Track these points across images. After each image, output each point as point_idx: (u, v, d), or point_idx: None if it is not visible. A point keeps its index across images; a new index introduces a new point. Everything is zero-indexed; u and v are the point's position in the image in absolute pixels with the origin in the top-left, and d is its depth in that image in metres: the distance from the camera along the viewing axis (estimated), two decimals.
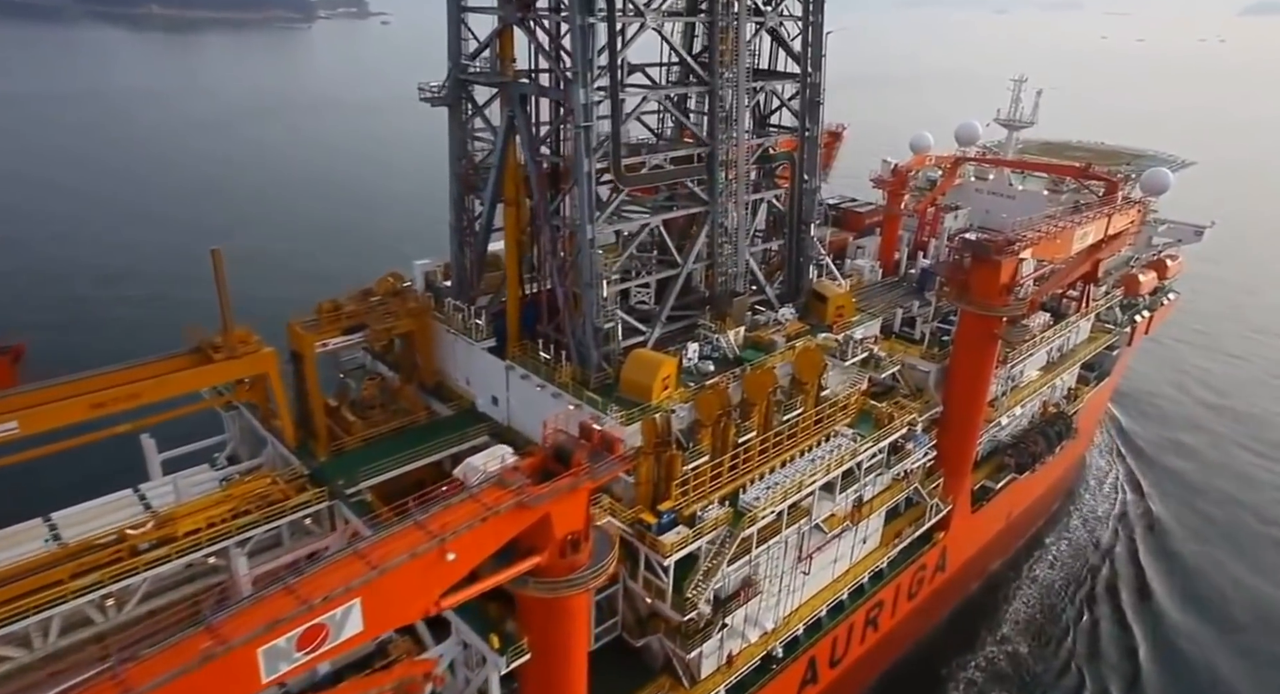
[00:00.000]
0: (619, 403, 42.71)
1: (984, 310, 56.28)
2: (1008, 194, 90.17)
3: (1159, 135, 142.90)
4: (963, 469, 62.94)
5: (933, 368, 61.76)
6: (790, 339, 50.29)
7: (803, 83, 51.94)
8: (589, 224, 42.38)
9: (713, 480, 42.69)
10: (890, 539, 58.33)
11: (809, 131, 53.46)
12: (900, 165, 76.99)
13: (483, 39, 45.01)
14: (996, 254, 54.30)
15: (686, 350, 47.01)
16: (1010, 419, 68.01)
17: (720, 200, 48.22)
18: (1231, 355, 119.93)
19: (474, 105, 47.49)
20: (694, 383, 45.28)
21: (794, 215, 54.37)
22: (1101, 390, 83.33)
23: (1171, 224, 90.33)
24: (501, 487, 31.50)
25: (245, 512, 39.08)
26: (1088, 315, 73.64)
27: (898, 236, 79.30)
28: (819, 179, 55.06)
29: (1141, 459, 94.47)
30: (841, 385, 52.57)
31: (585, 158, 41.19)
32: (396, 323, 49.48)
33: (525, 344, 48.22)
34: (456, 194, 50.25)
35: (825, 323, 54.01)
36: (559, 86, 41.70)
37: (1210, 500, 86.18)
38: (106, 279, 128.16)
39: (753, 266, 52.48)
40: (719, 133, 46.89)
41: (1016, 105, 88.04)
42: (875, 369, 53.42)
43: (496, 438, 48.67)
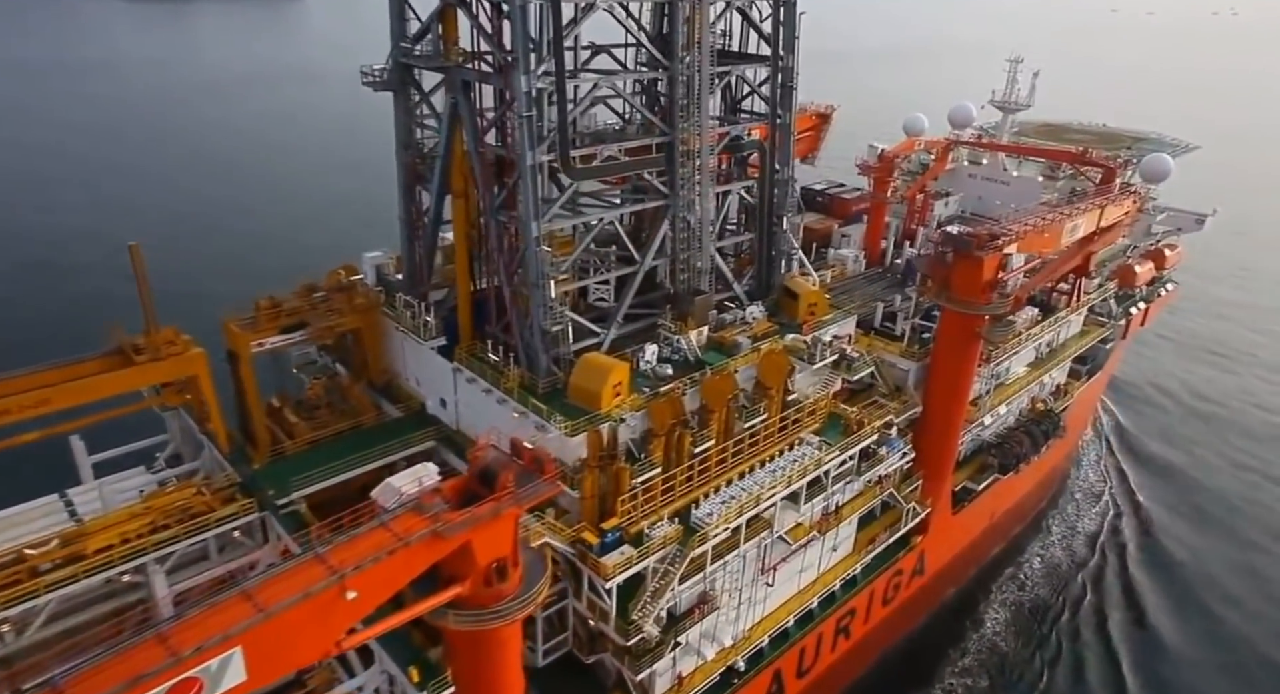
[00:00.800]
0: (567, 411, 40.21)
1: (965, 308, 53.55)
2: (1002, 180, 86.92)
3: (1162, 104, 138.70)
4: (943, 471, 60.50)
5: (912, 367, 59.17)
6: (756, 340, 47.60)
7: (773, 66, 48.80)
8: (534, 220, 39.65)
9: (664, 495, 40.31)
10: (864, 545, 56.04)
11: (781, 118, 50.35)
12: (887, 150, 73.69)
13: (425, 19, 41.94)
14: (979, 249, 51.43)
15: (644, 352, 44.41)
16: (995, 418, 65.44)
17: (682, 193, 45.36)
18: (1233, 348, 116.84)
19: (419, 91, 44.57)
20: (650, 388, 42.70)
21: (765, 207, 51.45)
22: (1093, 384, 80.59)
23: (1171, 212, 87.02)
24: (418, 513, 29.14)
25: (165, 526, 36.81)
26: (1079, 309, 70.73)
27: (885, 224, 76.44)
28: (792, 169, 52.03)
29: (1133, 454, 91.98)
30: (813, 387, 50.10)
31: (530, 149, 38.36)
32: (340, 320, 46.98)
33: (476, 344, 45.72)
34: (404, 184, 47.51)
35: (796, 321, 51.27)
36: (501, 73, 38.76)
37: (1209, 497, 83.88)
38: (31, 268, 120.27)
39: (719, 263, 49.72)
40: (679, 121, 43.92)
41: (1012, 87, 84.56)
42: (848, 371, 50.81)
43: (445, 442, 46.48)
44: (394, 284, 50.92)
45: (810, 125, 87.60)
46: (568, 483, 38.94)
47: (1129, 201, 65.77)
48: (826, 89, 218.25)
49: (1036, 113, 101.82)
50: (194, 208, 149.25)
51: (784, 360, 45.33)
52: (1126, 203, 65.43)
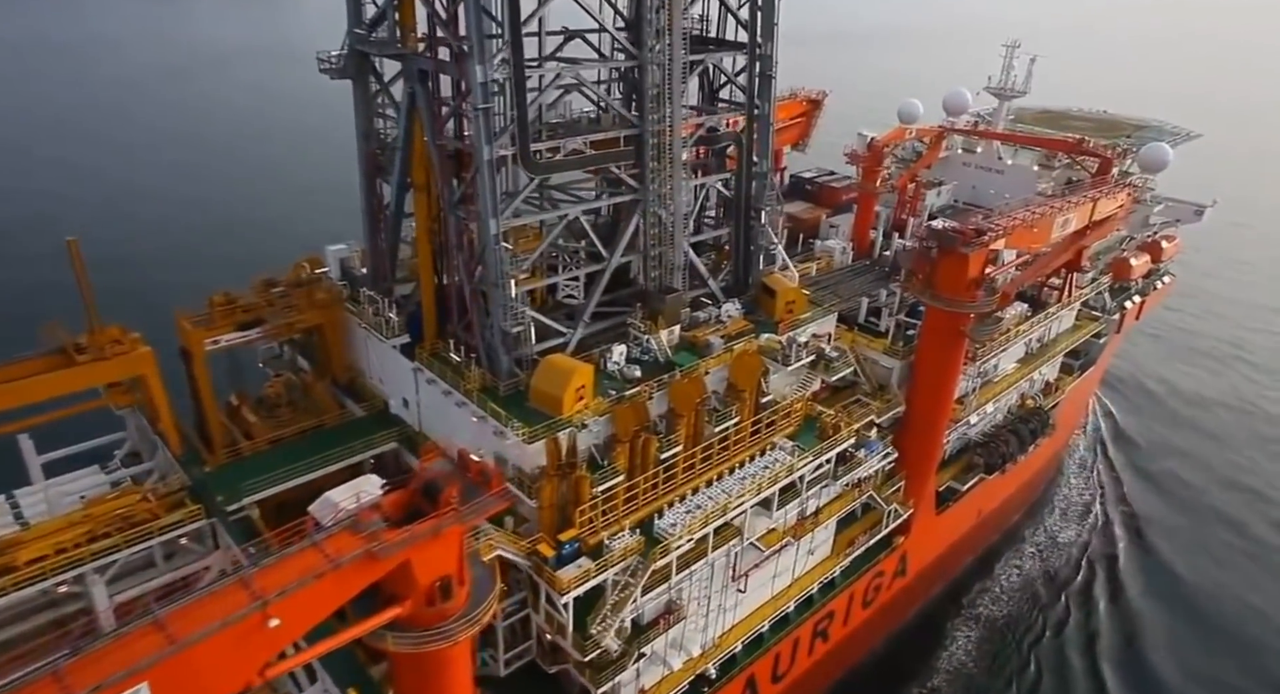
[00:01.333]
0: (528, 415, 38.67)
1: (950, 306, 51.90)
2: (996, 169, 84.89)
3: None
4: (926, 471, 59.07)
5: (896, 365, 57.60)
6: (730, 340, 45.97)
7: (750, 54, 46.81)
8: (493, 217, 37.92)
9: (626, 504, 38.88)
10: (843, 547, 54.76)
11: (759, 109, 48.41)
12: (877, 139, 71.62)
13: (382, 4, 39.99)
14: (964, 245, 49.67)
15: (611, 353, 42.80)
16: (981, 417, 63.91)
17: (653, 187, 43.57)
18: (1229, 343, 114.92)
19: (378, 79, 42.69)
20: (617, 390, 41.13)
21: (741, 202, 49.62)
22: (1086, 380, 78.90)
23: (1169, 202, 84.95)
24: (353, 531, 27.72)
25: (105, 535, 35.40)
26: (1071, 305, 68.96)
27: (874, 214, 74.49)
28: (770, 161, 50.11)
29: (1126, 448, 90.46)
30: (791, 387, 48.52)
31: (487, 143, 36.57)
32: (299, 317, 45.40)
33: (439, 343, 44.14)
34: (365, 175, 45.74)
35: (774, 319, 49.59)
36: (457, 62, 36.87)
37: (1203, 495, 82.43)
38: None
39: (693, 259, 47.95)
40: (649, 112, 42.03)
41: (1009, 73, 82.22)
42: (826, 371, 49.21)
43: (406, 444, 45.03)
44: (359, 278, 49.26)
45: (801, 111, 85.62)
46: (526, 491, 37.55)
47: (1123, 194, 63.85)
48: (826, 72, 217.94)
49: (1040, 97, 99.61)
50: (156, 195, 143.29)
51: (756, 362, 43.71)
52: (1120, 196, 63.54)
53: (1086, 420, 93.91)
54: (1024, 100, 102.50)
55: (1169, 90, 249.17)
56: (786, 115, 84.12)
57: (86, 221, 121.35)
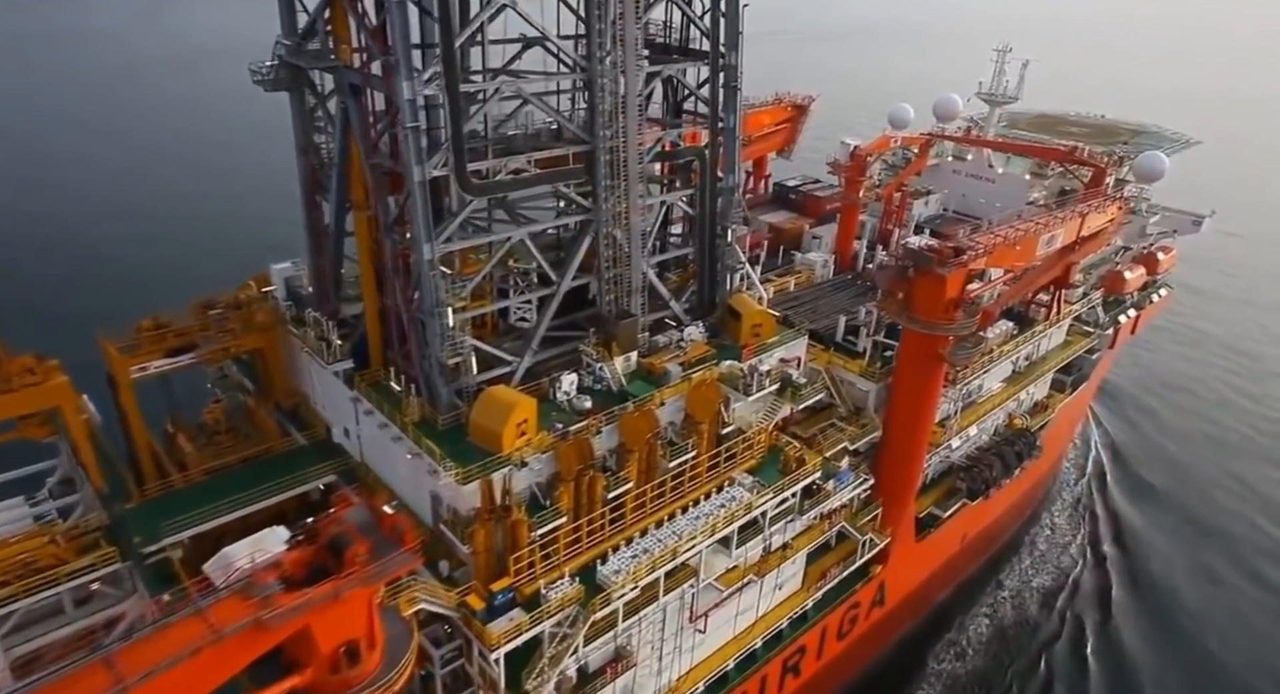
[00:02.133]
0: (465, 452, 36.25)
1: (927, 328, 49.33)
2: (987, 177, 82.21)
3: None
4: (905, 498, 56.54)
5: (873, 387, 55.07)
6: (689, 367, 43.48)
7: (713, 65, 44.26)
8: (427, 242, 35.49)
9: (568, 548, 36.48)
10: (815, 580, 52.22)
11: (724, 122, 45.87)
12: (859, 148, 68.97)
13: (313, 12, 37.55)
14: (941, 265, 47.08)
15: (560, 383, 40.37)
16: (964, 440, 61.28)
17: (606, 206, 41.08)
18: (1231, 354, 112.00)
19: (314, 92, 40.25)
20: (564, 423, 38.67)
21: (705, 220, 47.09)
22: (1079, 397, 76.16)
23: (1166, 212, 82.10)
24: (244, 596, 25.35)
25: (4, 583, 33.12)
26: (1059, 322, 66.25)
27: (858, 226, 71.89)
28: (737, 176, 47.57)
29: (1120, 465, 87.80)
30: (758, 414, 46.11)
31: (417, 164, 34.13)
32: (235, 341, 43.09)
33: (381, 371, 41.79)
34: (305, 192, 43.36)
35: (739, 343, 47.10)
36: (385, 76, 34.39)
37: (1202, 512, 79.76)
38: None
39: (653, 280, 45.45)
40: (600, 127, 39.53)
41: (1000, 78, 79.45)
42: (794, 399, 46.67)
43: (346, 477, 42.68)
44: (305, 298, 46.90)
45: (785, 117, 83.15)
46: (459, 536, 35.19)
47: (1113, 208, 61.12)
48: (823, 73, 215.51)
49: (1035, 102, 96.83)
50: (104, 205, 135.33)
51: (714, 393, 41.24)
52: (1111, 209, 60.80)
53: (1080, 435, 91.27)
54: (1022, 104, 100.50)
55: (1173, 88, 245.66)
56: (770, 121, 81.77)
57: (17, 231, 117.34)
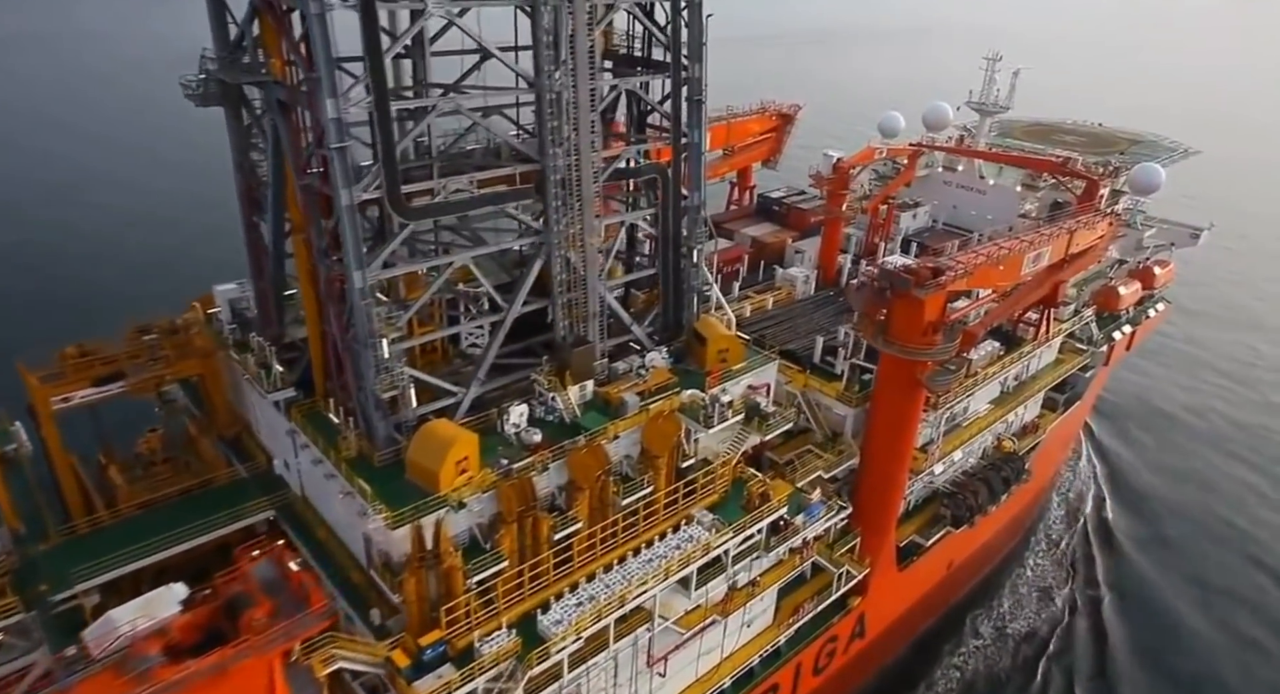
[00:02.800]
0: (399, 493, 33.99)
1: (904, 353, 46.97)
2: (978, 188, 79.87)
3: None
4: (884, 527, 54.08)
5: (850, 413, 52.75)
6: (649, 397, 41.18)
7: (674, 77, 41.98)
8: (359, 269, 33.28)
9: (509, 595, 34.19)
10: (788, 615, 49.81)
11: (687, 137, 43.59)
12: (842, 160, 66.62)
13: (241, 24, 35.42)
14: (918, 288, 44.70)
15: (509, 415, 38.11)
16: (948, 465, 58.85)
17: (557, 228, 38.83)
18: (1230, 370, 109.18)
19: (248, 109, 38.08)
20: (509, 459, 36.38)
21: (669, 239, 44.80)
22: (1072, 416, 73.62)
23: (1163, 225, 79.67)
24: (118, 672, 23.10)
25: None
26: (1049, 342, 63.76)
27: (842, 239, 69.56)
28: (702, 195, 45.24)
29: (1116, 482, 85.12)
30: (724, 443, 43.81)
31: (345, 187, 31.93)
32: (170, 368, 40.94)
33: (322, 401, 39.61)
34: (244, 212, 41.22)
35: (705, 369, 44.81)
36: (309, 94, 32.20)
37: (1200, 539, 77.06)
38: None
39: (612, 304, 43.16)
40: (549, 145, 37.28)
41: (990, 87, 77.06)
42: (762, 429, 44.29)
43: (285, 513, 40.48)
44: (251, 321, 44.74)
45: (771, 126, 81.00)
46: (389, 584, 32.96)
47: (1104, 224, 58.65)
48: (813, 80, 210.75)
49: (1036, 108, 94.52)
50: (36, 222, 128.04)
51: (672, 426, 38.95)
52: (1101, 225, 58.33)
53: (1075, 453, 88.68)
54: (1018, 112, 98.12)
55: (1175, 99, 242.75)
56: (756, 130, 79.60)
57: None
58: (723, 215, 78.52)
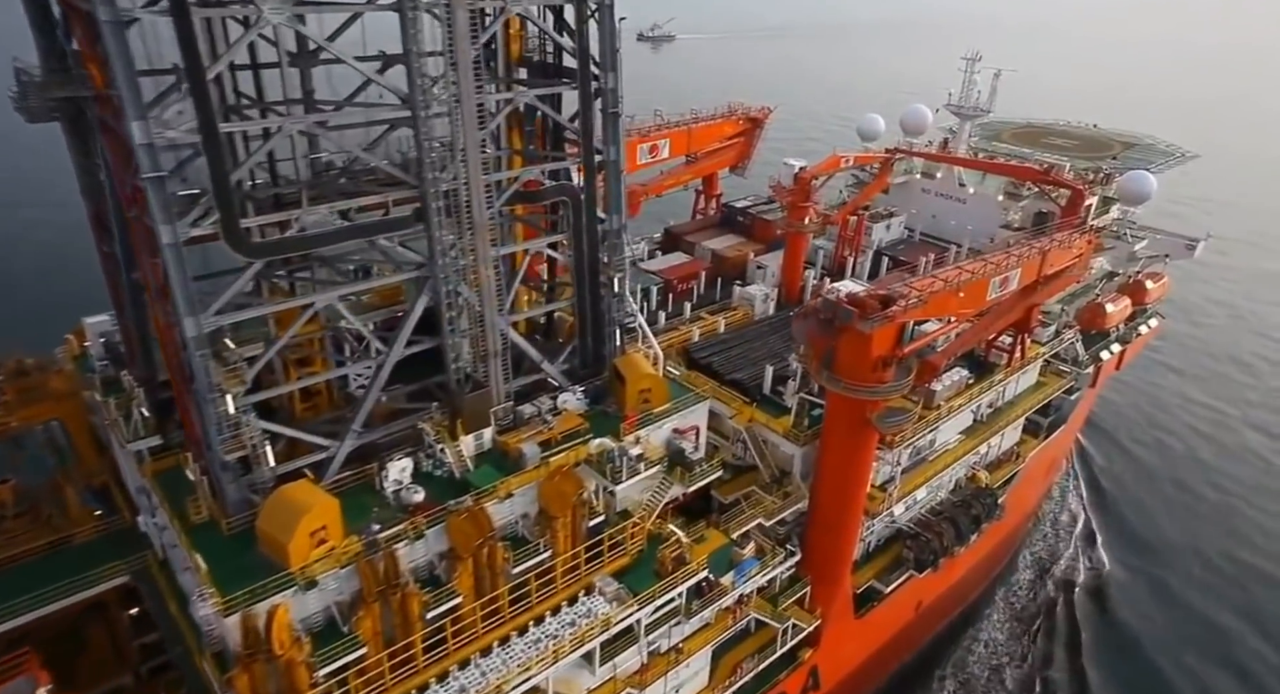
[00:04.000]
0: (244, 570, 29.69)
1: (850, 391, 42.40)
2: (958, 197, 75.07)
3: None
4: (837, 575, 49.61)
5: (797, 452, 48.18)
6: (554, 447, 36.77)
7: (582, 88, 37.37)
8: (190, 317, 28.90)
9: (368, 687, 29.83)
10: (726, 675, 45.39)
11: (602, 154, 38.99)
12: (805, 169, 61.80)
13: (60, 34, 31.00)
14: (862, 321, 40.07)
15: (388, 471, 33.76)
16: (911, 504, 54.18)
17: (443, 261, 34.35)
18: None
19: (87, 125, 33.65)
20: (380, 524, 32.01)
21: (585, 268, 40.25)
22: (1055, 442, 68.71)
23: (1155, 235, 74.52)
24: None
25: None
26: (1023, 370, 58.88)
27: (805, 255, 64.78)
28: (622, 217, 40.61)
29: (1105, 510, 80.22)
30: (648, 493, 39.40)
31: (165, 222, 27.53)
32: (11, 415, 36.71)
33: (182, 455, 35.29)
34: (96, 239, 36.92)
35: (625, 411, 40.32)
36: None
37: (1193, 571, 72.14)
38: None
39: (516, 340, 38.63)
40: (429, 168, 32.79)
41: (970, 89, 72.09)
42: (684, 480, 39.80)
43: (143, 578, 36.23)
44: (124, 360, 40.45)
45: (738, 131, 76.14)
46: (218, 681, 28.64)
47: (1081, 242, 53.74)
48: (800, 76, 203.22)
49: (1032, 108, 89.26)
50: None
51: (570, 485, 34.46)
52: (1078, 244, 53.44)
53: (1064, 475, 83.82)
54: (1010, 113, 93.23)
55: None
56: (721, 135, 74.81)
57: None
58: (684, 226, 73.91)
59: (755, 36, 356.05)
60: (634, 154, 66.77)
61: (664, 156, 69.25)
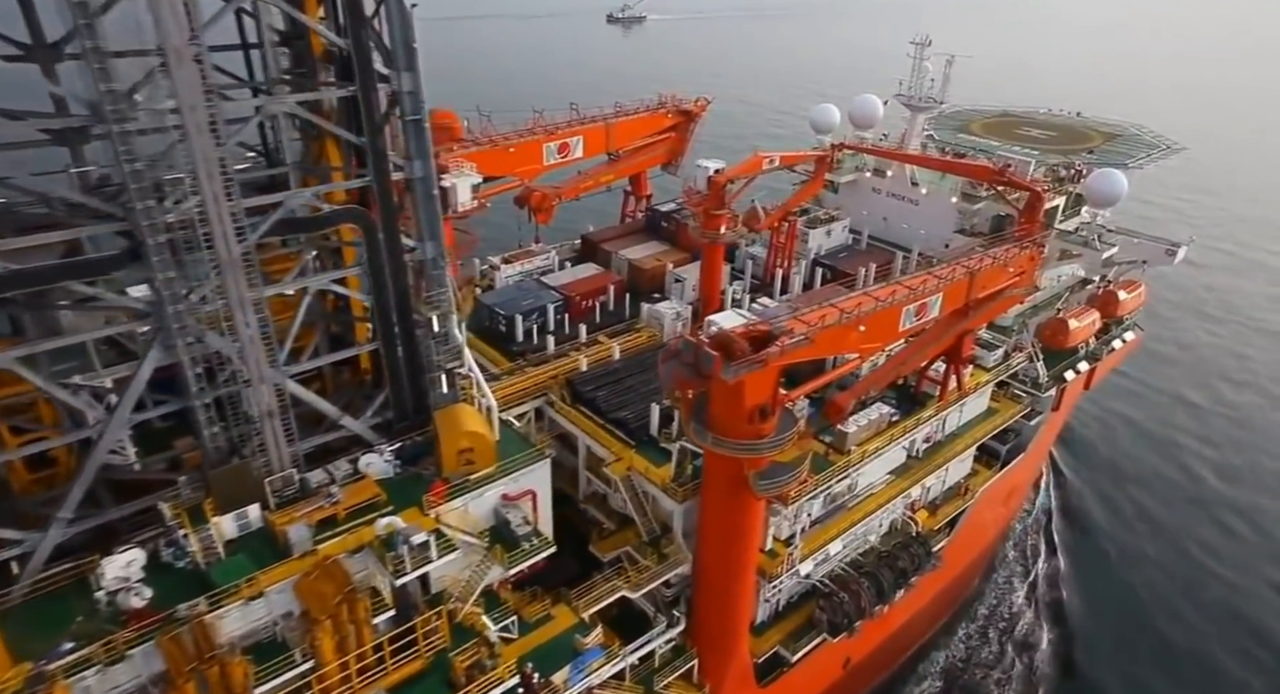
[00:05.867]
0: None
1: (718, 447, 35.82)
2: (910, 198, 67.68)
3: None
4: (728, 645, 43.25)
5: (677, 508, 41.59)
6: (342, 524, 30.40)
7: (363, 89, 30.62)
8: None
9: None
10: None
11: (404, 171, 32.28)
12: (719, 172, 54.54)
13: None
14: (726, 369, 33.32)
15: (103, 570, 27.54)
16: (822, 559, 47.42)
17: (173, 309, 27.91)
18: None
19: None
20: (74, 643, 25.80)
21: (389, 306, 33.65)
22: (1014, 471, 61.63)
23: (1135, 239, 66.66)
24: None
25: None
26: (965, 399, 51.85)
27: (722, 271, 57.74)
28: (439, 245, 33.85)
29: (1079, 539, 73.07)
30: (469, 571, 33.07)
31: None
32: None
33: None
34: None
35: (444, 473, 33.88)
36: None
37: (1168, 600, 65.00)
38: None
39: (300, 394, 32.17)
40: (140, 196, 26.26)
41: (920, 77, 64.57)
42: (505, 562, 33.28)
43: None
44: None
45: (669, 125, 69.00)
46: None
47: (1023, 257, 46.48)
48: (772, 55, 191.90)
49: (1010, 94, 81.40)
50: None
51: (332, 582, 28.05)
52: (1020, 259, 46.20)
53: (1032, 501, 76.70)
54: (979, 104, 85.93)
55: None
56: (646, 131, 67.72)
57: None
58: (603, 232, 67.00)
59: (731, 18, 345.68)
60: (538, 154, 60.07)
61: (577, 155, 62.39)
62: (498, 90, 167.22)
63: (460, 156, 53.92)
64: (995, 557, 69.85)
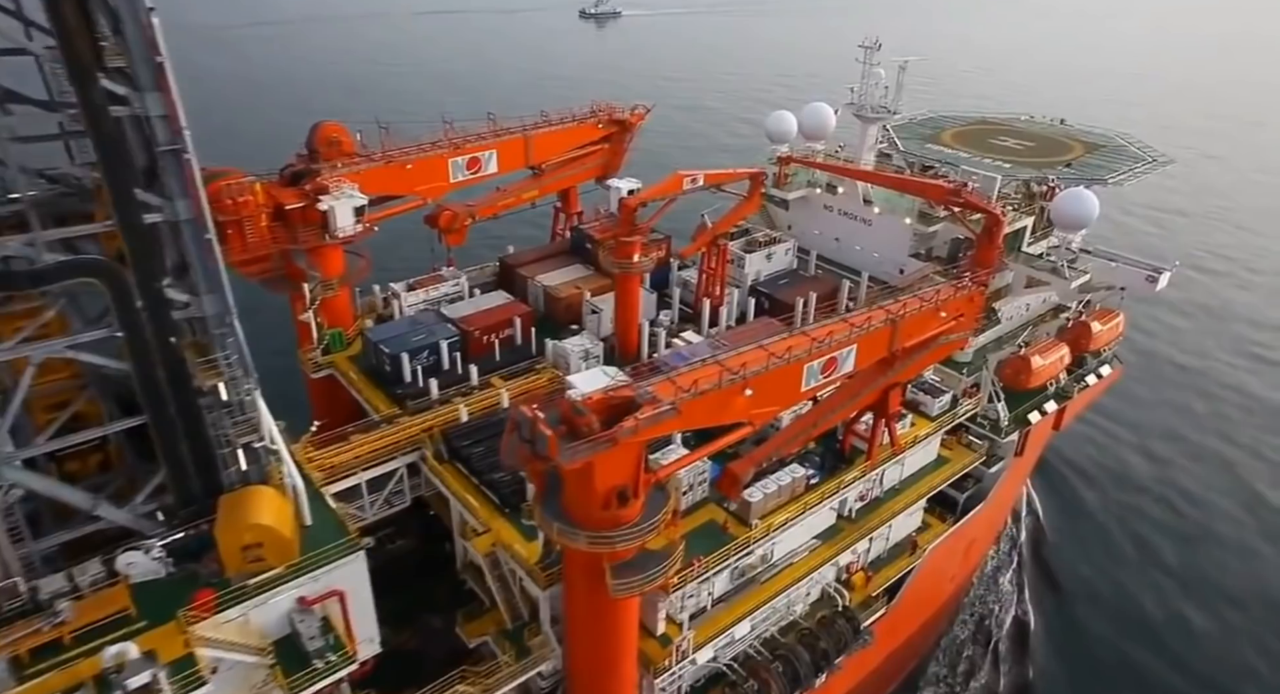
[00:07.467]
0: None
1: (573, 538, 29.94)
2: (862, 217, 61.44)
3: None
4: None
5: (542, 594, 35.76)
6: (65, 652, 24.67)
7: (88, 116, 24.76)
8: None
9: None
10: None
11: (164, 212, 26.43)
12: (632, 194, 48.54)
13: None
14: (564, 451, 27.42)
15: None
16: (728, 643, 41.34)
17: None
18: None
19: None
20: None
21: (153, 373, 27.86)
22: (972, 522, 55.29)
23: (1110, 263, 60.15)
24: None
25: None
26: (902, 454, 45.67)
27: (641, 301, 51.74)
28: (227, 298, 27.99)
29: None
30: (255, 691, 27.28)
31: None
32: None
33: None
34: None
35: (226, 573, 28.14)
36: None
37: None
38: None
39: (27, 484, 26.44)
40: None
41: (870, 85, 58.34)
42: (289, 688, 27.46)
43: None
44: None
45: (601, 136, 62.99)
46: None
47: (962, 299, 40.14)
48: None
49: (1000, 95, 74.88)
50: None
51: None
52: (956, 302, 39.86)
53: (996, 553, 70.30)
54: (957, 110, 79.75)
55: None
56: (574, 143, 61.70)
57: None
58: (522, 255, 60.98)
59: (708, 11, 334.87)
60: (443, 170, 54.19)
61: (490, 171, 56.40)
62: (446, 94, 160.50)
63: (343, 176, 48.32)
64: (955, 614, 63.52)
